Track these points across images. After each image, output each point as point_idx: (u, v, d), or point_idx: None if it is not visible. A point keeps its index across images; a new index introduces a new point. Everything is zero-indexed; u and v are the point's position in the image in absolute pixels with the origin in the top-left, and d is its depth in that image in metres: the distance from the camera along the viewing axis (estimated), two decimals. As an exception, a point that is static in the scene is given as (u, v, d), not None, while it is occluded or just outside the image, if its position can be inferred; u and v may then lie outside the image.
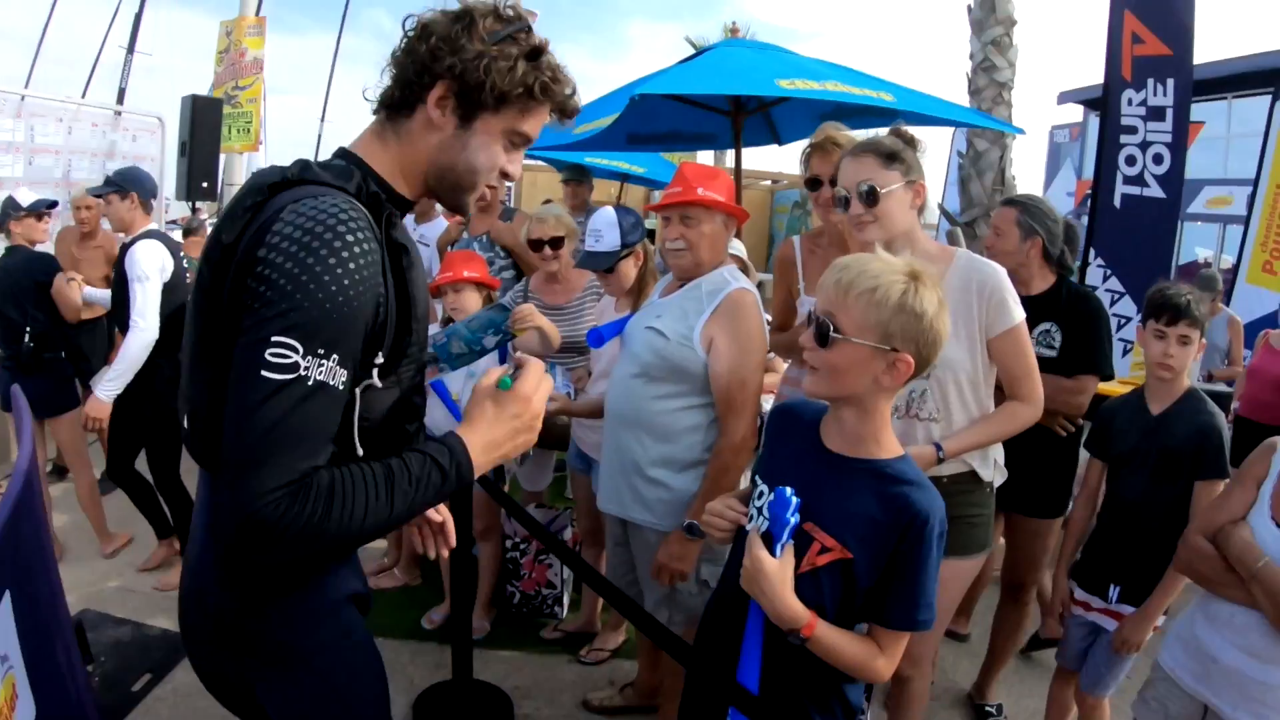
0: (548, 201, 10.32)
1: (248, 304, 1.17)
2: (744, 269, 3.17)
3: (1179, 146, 5.10)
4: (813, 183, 2.83)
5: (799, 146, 2.99)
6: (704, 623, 1.95)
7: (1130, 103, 5.14)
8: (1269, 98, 6.77)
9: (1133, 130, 5.13)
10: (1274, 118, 6.75)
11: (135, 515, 4.35)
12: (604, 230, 3.04)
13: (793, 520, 1.54)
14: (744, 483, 2.42)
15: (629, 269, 3.11)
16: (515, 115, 1.42)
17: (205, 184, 6.87)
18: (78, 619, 2.98)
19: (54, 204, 4.73)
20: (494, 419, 1.35)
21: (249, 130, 8.22)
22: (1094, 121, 23.48)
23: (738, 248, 3.85)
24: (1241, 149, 12.08)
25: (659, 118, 5.37)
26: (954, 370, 2.24)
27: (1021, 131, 6.25)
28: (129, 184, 3.96)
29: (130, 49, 19.18)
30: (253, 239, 1.20)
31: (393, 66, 1.41)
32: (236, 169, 8.62)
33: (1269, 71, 6.80)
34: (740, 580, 1.57)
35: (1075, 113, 24.74)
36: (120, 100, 16.90)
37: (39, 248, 4.62)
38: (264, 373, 1.13)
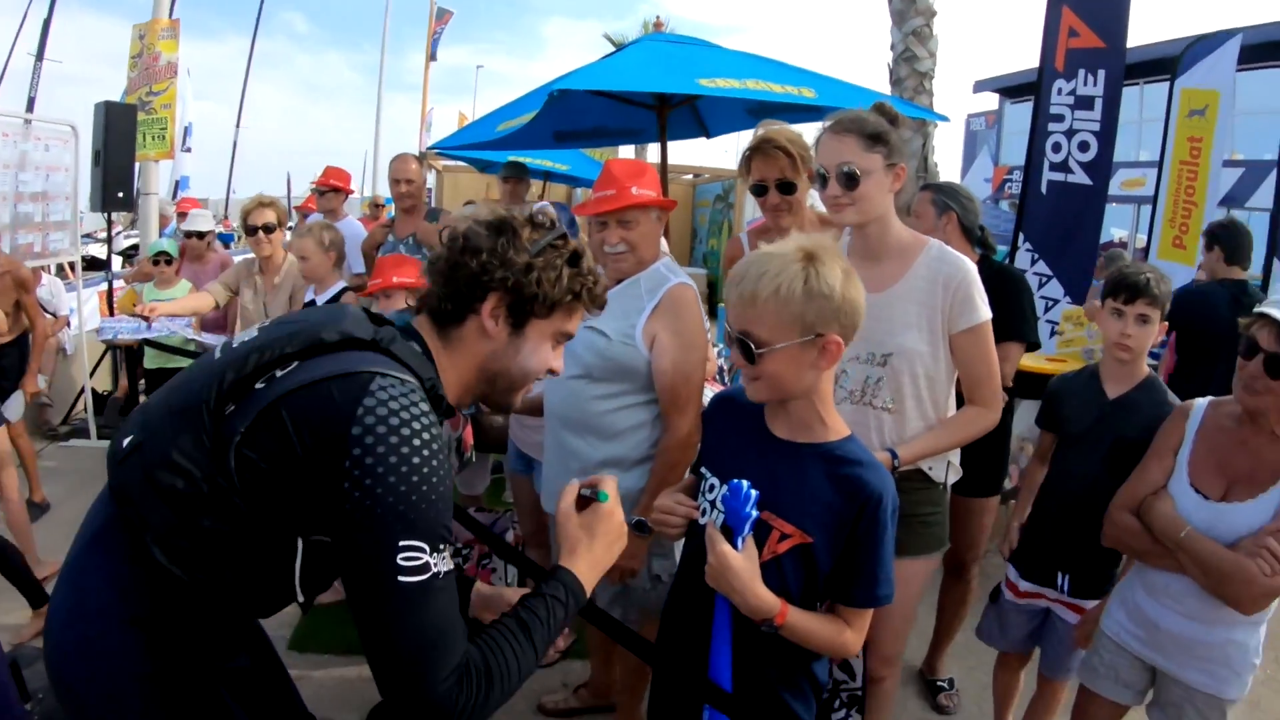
0: (469, 203, 10.22)
1: (353, 495, 1.21)
2: None
3: (1107, 135, 5.22)
4: (758, 189, 2.82)
5: (725, 140, 3.02)
6: (666, 620, 1.95)
7: (1060, 92, 5.26)
8: (1168, 83, 7.10)
9: (1059, 119, 5.26)
10: (1173, 100, 7.10)
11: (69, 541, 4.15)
12: None
13: (753, 514, 1.56)
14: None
15: None
16: (563, 317, 1.54)
17: (121, 193, 6.60)
18: (12, 656, 2.84)
19: None
20: (591, 542, 1.49)
21: (164, 137, 7.94)
22: (1010, 109, 24.22)
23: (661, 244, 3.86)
24: (1152, 133, 12.58)
25: (585, 114, 5.34)
26: (911, 361, 2.23)
27: (945, 119, 6.39)
28: None
29: (39, 56, 18.45)
30: (332, 408, 1.24)
31: (437, 279, 1.48)
32: (152, 177, 8.32)
33: (1172, 59, 7.10)
34: (706, 578, 1.57)
35: (991, 101, 25.42)
36: (30, 109, 16.21)
37: None
38: (400, 579, 1.21)
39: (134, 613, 1.31)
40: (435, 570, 1.24)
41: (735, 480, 1.57)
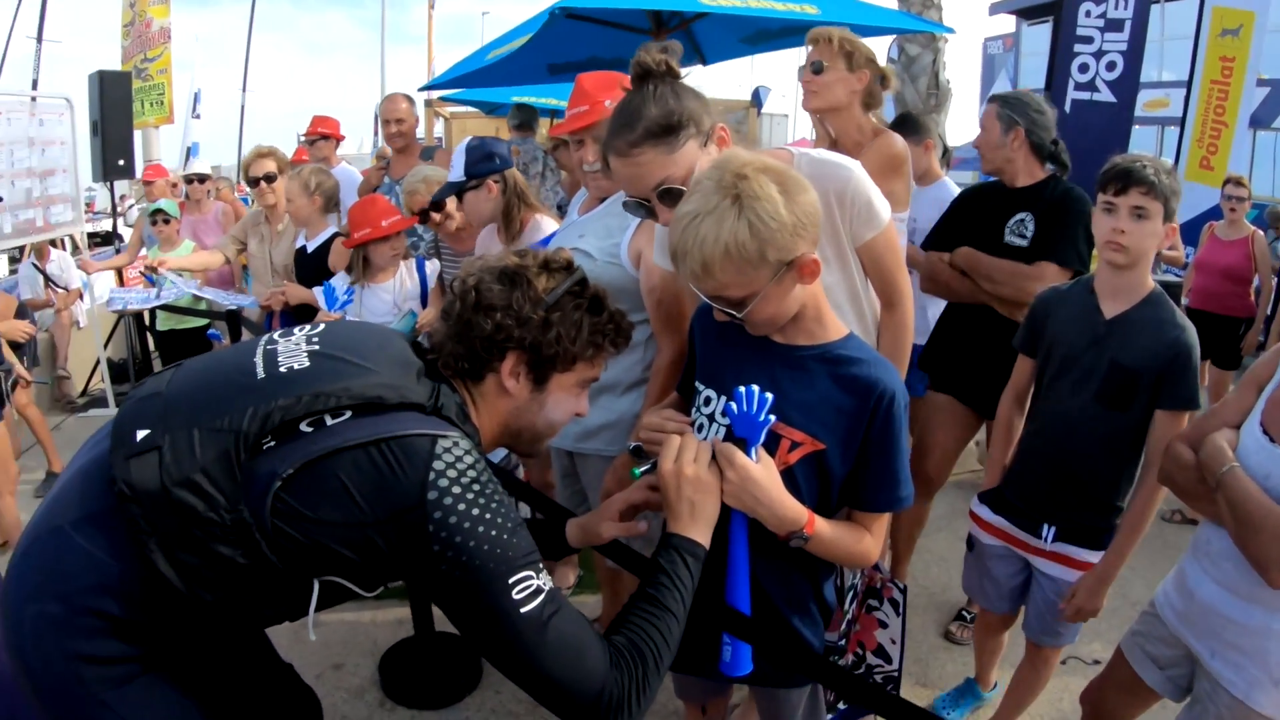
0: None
1: (446, 556, 1.21)
2: None
3: (1135, 53, 5.19)
4: (801, 71, 2.93)
5: (725, 67, 2.98)
6: None
7: (1089, 14, 5.22)
8: (1197, 2, 6.89)
9: (1088, 40, 5.23)
10: (1203, 19, 6.93)
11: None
12: (454, 161, 2.99)
13: (770, 420, 1.45)
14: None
15: (479, 201, 3.05)
16: (586, 367, 1.50)
17: (122, 161, 6.58)
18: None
19: None
20: (675, 505, 1.44)
21: (162, 103, 7.88)
22: (1027, 31, 23.53)
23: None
24: (1174, 52, 12.18)
25: (578, 44, 5.22)
26: (832, 294, 2.00)
27: (952, 31, 6.20)
28: None
29: (39, 38, 18.38)
30: (400, 475, 1.23)
31: (453, 334, 1.43)
32: (154, 144, 8.29)
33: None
34: (723, 496, 1.46)
35: (1008, 23, 24.69)
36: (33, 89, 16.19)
37: None
38: (524, 611, 1.23)
39: (108, 610, 1.23)
40: (546, 587, 1.27)
41: (748, 386, 1.46)
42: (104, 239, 9.71)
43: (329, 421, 1.25)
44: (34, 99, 6.45)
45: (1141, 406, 2.11)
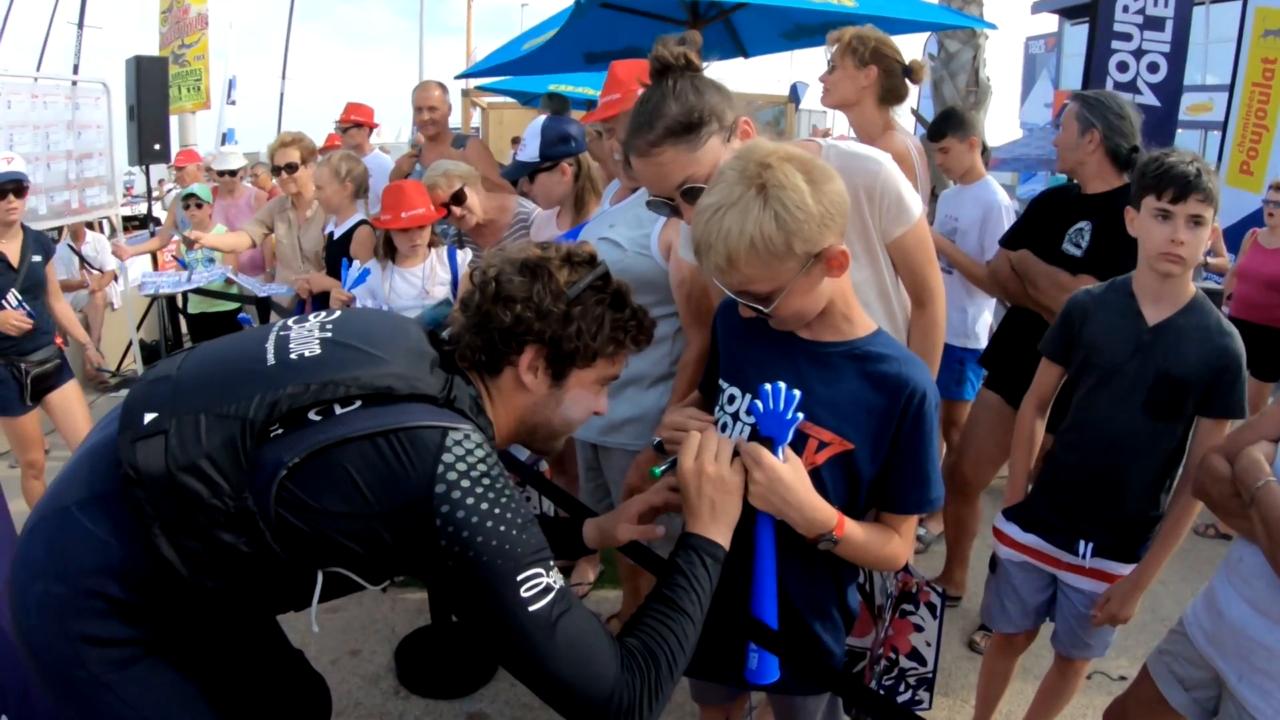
0: (516, 140, 10.06)
1: (453, 551, 1.18)
2: None
3: (1178, 56, 5.03)
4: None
5: (764, 63, 2.96)
6: None
7: (1126, 10, 5.06)
8: (1240, 2, 6.72)
9: (1127, 37, 5.07)
10: (1246, 20, 6.74)
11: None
12: (528, 140, 2.95)
13: (797, 418, 1.39)
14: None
15: (552, 183, 2.98)
16: (606, 364, 1.46)
17: (158, 146, 6.66)
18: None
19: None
20: (695, 504, 1.40)
21: (199, 88, 7.96)
22: (1070, 31, 23.22)
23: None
24: (1217, 55, 11.93)
25: (615, 33, 5.19)
26: (861, 292, 1.92)
27: (994, 27, 6.07)
28: None
29: (80, 24, 18.63)
30: (409, 467, 1.20)
31: (471, 325, 1.39)
32: (190, 129, 8.37)
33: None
34: (750, 498, 1.41)
35: (1050, 23, 24.35)
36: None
37: None
38: (532, 609, 1.20)
39: (110, 592, 1.22)
40: (556, 585, 1.24)
41: (774, 383, 1.41)
42: (140, 223, 9.84)
43: (338, 410, 1.23)
44: (74, 83, 6.54)
45: (1188, 416, 2.03)
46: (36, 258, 3.91)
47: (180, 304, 6.02)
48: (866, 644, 1.78)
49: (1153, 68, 5.07)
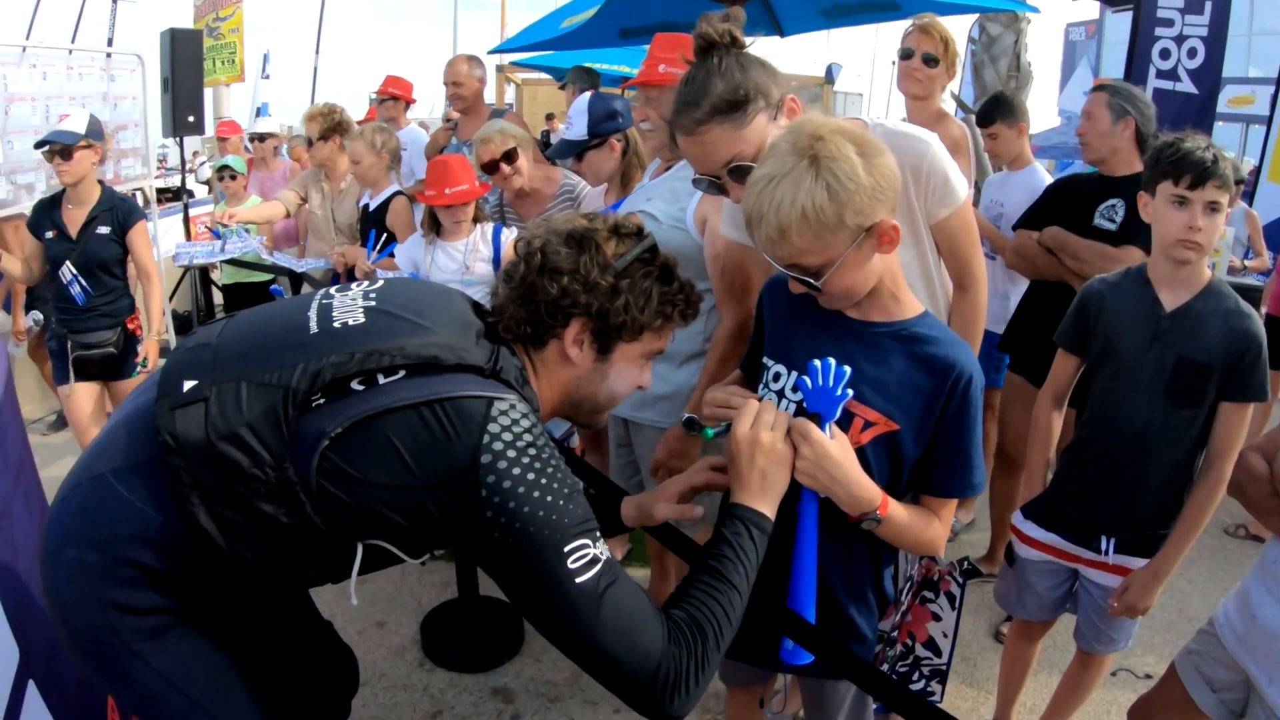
0: (550, 116, 9.99)
1: (499, 522, 1.17)
2: None
3: (1216, 40, 4.94)
4: (905, 53, 3.12)
5: (799, 42, 2.97)
6: None
7: None
8: None
9: (1169, 23, 4.98)
10: None
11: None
12: (574, 118, 2.93)
13: (846, 394, 1.37)
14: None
15: (600, 160, 2.96)
16: (652, 338, 1.44)
17: (191, 118, 6.68)
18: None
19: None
20: (744, 473, 1.37)
21: (234, 61, 7.99)
22: (1111, 19, 22.72)
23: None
24: (1263, 48, 11.60)
25: (649, 8, 5.14)
26: (904, 273, 1.92)
27: (1036, 10, 5.93)
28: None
29: (115, -6, 18.76)
30: (454, 437, 1.18)
31: (516, 297, 1.36)
32: (224, 101, 8.41)
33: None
34: (796, 474, 1.39)
35: (1091, 10, 23.86)
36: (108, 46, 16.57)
37: None
38: (579, 581, 1.18)
39: (145, 561, 1.21)
40: (603, 555, 1.22)
41: (824, 359, 1.38)
42: (174, 195, 9.92)
43: (381, 380, 1.21)
44: (109, 55, 6.57)
45: (1209, 403, 2.00)
46: (103, 229, 3.63)
47: (214, 275, 6.05)
48: (884, 627, 1.76)
49: (1191, 53, 5.00)
